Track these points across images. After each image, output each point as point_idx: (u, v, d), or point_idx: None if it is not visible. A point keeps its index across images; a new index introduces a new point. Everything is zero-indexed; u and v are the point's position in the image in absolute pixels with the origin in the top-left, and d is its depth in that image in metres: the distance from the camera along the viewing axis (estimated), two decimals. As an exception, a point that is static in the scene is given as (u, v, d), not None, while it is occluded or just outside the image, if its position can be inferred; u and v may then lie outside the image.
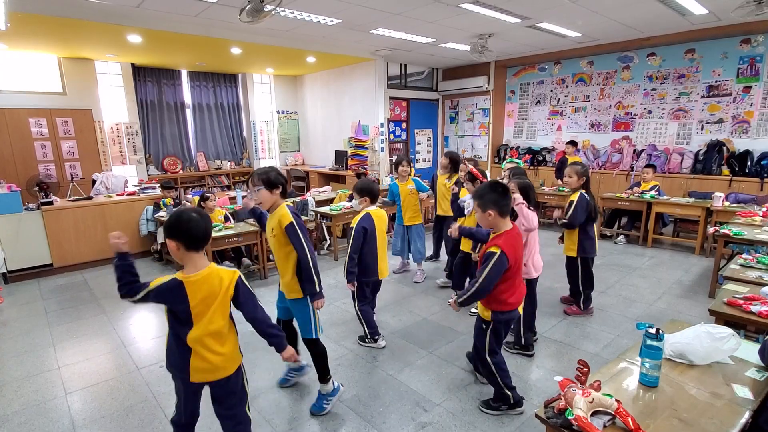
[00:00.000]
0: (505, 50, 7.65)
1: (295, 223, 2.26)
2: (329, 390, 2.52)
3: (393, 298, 4.21)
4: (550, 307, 3.90)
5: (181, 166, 9.13)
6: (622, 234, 6.03)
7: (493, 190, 2.27)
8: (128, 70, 7.96)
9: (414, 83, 9.23)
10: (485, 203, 2.25)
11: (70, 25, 5.18)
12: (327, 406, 2.51)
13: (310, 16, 5.27)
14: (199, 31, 5.72)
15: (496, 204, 2.23)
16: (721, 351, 1.76)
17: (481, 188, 2.33)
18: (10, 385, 2.86)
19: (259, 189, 2.28)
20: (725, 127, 6.60)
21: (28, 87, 7.01)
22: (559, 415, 1.42)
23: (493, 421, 2.40)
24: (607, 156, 7.72)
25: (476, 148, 9.58)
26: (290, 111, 10.66)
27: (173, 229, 1.73)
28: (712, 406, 1.51)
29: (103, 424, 2.46)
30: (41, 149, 7.04)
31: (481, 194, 2.27)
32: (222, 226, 4.57)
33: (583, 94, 8.08)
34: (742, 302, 2.28)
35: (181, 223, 1.72)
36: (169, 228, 1.74)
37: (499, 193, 2.26)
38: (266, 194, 2.29)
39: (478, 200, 2.28)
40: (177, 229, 1.72)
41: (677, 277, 4.61)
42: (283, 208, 2.31)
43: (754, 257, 3.09)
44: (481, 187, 2.35)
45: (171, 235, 1.73)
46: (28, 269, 4.98)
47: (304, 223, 2.37)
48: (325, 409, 2.50)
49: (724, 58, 6.47)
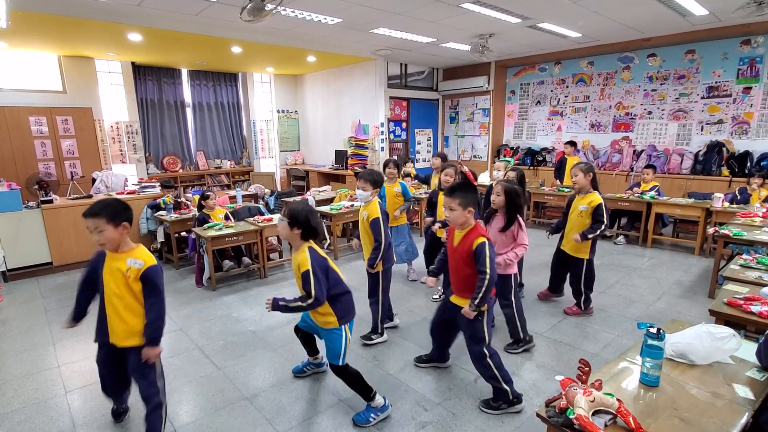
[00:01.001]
0: (505, 50, 7.65)
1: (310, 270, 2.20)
2: (379, 404, 2.42)
3: (392, 297, 4.20)
4: (549, 308, 3.90)
5: (181, 165, 9.12)
6: (621, 234, 6.04)
7: (473, 191, 2.43)
8: (128, 68, 7.96)
9: (414, 83, 9.24)
10: (468, 202, 2.36)
11: (70, 24, 5.17)
12: (373, 420, 2.38)
13: (310, 15, 5.27)
14: (199, 30, 5.72)
15: (475, 204, 2.39)
16: (721, 351, 1.76)
17: (462, 187, 2.42)
18: (10, 383, 2.86)
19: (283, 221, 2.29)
20: (725, 128, 6.61)
21: (29, 85, 7.01)
22: (560, 414, 1.42)
23: (494, 420, 2.40)
24: (607, 156, 7.73)
25: (476, 148, 9.59)
26: (290, 110, 10.65)
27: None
28: (712, 406, 1.51)
29: (103, 422, 2.45)
30: (41, 147, 7.03)
31: (464, 193, 2.38)
32: (222, 225, 4.57)
33: (583, 94, 8.08)
34: (742, 302, 2.29)
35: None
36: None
37: (475, 194, 2.44)
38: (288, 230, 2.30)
39: (460, 198, 2.35)
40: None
41: (677, 277, 4.62)
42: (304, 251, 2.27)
43: (753, 258, 3.10)
44: (462, 186, 2.44)
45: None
46: (27, 268, 4.97)
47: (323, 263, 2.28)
48: (370, 422, 2.38)
49: (724, 59, 6.48)
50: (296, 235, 2.26)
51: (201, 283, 4.58)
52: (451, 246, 2.49)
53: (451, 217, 2.41)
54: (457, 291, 2.50)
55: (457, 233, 2.45)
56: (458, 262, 2.44)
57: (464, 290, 2.44)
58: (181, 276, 4.94)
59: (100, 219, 1.99)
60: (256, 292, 4.39)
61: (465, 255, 2.38)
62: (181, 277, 4.91)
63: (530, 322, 3.59)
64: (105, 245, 2.06)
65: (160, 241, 5.29)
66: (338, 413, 2.49)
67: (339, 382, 2.76)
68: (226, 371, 2.95)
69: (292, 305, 2.20)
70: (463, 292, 2.45)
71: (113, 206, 2.04)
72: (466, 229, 2.41)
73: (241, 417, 2.46)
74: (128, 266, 2.04)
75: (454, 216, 2.39)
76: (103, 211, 1.99)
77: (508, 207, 2.97)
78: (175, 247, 5.12)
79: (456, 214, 2.38)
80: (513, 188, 2.96)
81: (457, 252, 2.43)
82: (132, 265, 2.04)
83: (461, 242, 2.41)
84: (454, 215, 2.38)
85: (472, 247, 2.33)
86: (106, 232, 2.00)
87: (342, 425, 2.39)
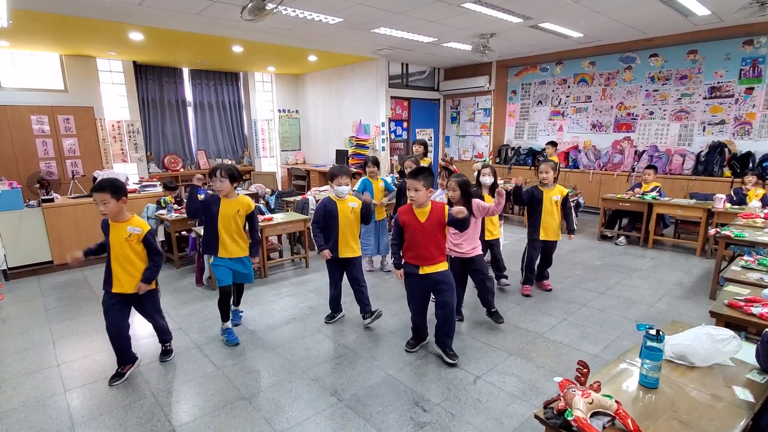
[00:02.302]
0: (506, 50, 7.64)
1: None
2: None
3: (391, 297, 4.20)
4: (549, 307, 3.89)
5: (182, 164, 9.13)
6: (622, 235, 6.02)
7: (432, 174, 2.81)
8: (130, 67, 7.97)
9: (415, 83, 9.23)
10: (429, 183, 2.76)
11: (71, 23, 5.18)
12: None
13: (311, 15, 5.27)
14: (200, 29, 5.72)
15: (432, 185, 2.80)
16: (722, 353, 1.75)
17: (424, 170, 2.77)
18: (10, 381, 2.86)
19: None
20: (727, 128, 6.59)
21: (30, 84, 7.02)
22: (558, 415, 1.42)
23: (492, 420, 2.39)
24: (609, 157, 7.71)
25: (477, 148, 9.58)
26: (291, 110, 10.65)
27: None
28: (712, 408, 1.50)
29: (102, 421, 2.45)
30: (42, 146, 7.04)
31: (427, 176, 2.76)
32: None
33: (584, 94, 8.07)
34: (743, 304, 2.27)
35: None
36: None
37: (433, 177, 2.83)
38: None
39: (424, 180, 2.73)
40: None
41: (678, 278, 4.61)
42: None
43: (755, 259, 3.08)
44: (423, 169, 2.78)
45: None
46: (28, 266, 4.98)
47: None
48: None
49: (726, 60, 6.46)
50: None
51: (201, 283, 4.58)
52: (418, 223, 2.80)
53: (415, 197, 2.75)
54: (429, 260, 2.83)
55: (420, 212, 2.80)
56: (431, 235, 2.80)
57: (436, 256, 2.83)
58: (181, 275, 4.94)
59: (106, 193, 2.54)
60: (255, 292, 4.39)
61: (439, 225, 2.79)
62: (181, 276, 4.92)
63: (530, 322, 3.60)
64: (108, 215, 2.62)
65: (161, 240, 5.29)
66: (336, 414, 2.48)
67: (339, 382, 2.78)
68: (225, 371, 2.94)
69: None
70: (434, 259, 2.83)
71: (116, 184, 2.61)
72: (427, 206, 2.79)
73: (240, 417, 2.46)
74: (129, 232, 2.66)
75: (418, 196, 2.74)
76: (108, 187, 2.55)
77: (464, 197, 3.30)
78: (175, 246, 5.13)
79: (420, 194, 2.74)
80: (464, 180, 3.35)
81: (427, 225, 2.79)
82: (132, 231, 2.67)
83: (430, 216, 2.79)
84: (419, 195, 2.74)
85: (444, 213, 2.77)
86: (110, 204, 2.56)
87: (341, 425, 2.38)
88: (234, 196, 3.25)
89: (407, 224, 2.84)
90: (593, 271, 4.87)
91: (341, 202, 3.42)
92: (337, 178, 3.40)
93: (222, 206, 3.19)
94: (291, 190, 7.72)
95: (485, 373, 2.85)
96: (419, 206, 2.79)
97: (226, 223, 3.19)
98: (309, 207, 5.82)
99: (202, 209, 3.23)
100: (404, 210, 2.88)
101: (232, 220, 3.20)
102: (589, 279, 4.61)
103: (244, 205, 3.27)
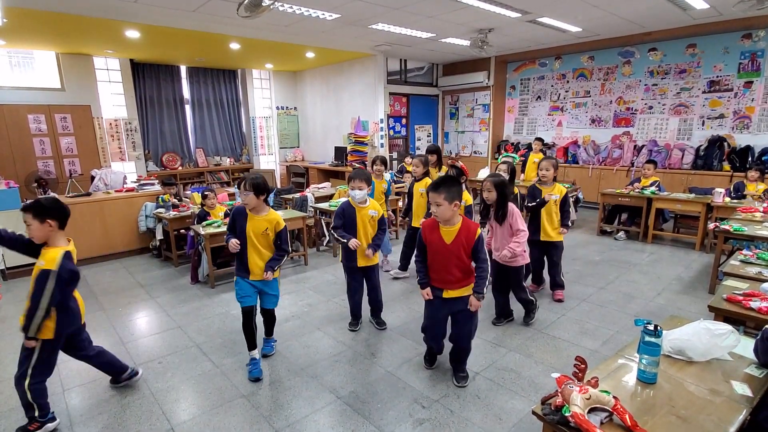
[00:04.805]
0: (505, 45, 7.61)
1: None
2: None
3: (391, 295, 4.20)
4: (548, 302, 3.89)
5: (180, 162, 9.11)
6: (622, 230, 6.02)
7: (458, 184, 2.41)
8: (127, 65, 7.94)
9: (414, 79, 9.20)
10: (453, 196, 2.35)
11: (67, 20, 5.15)
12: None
13: (308, 11, 5.24)
14: (197, 26, 5.69)
15: (460, 197, 2.39)
16: (720, 347, 1.75)
17: (446, 181, 2.38)
18: (8, 381, 2.85)
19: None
20: (726, 122, 6.57)
21: (27, 83, 6.99)
22: (555, 411, 1.41)
23: (491, 417, 2.39)
24: (608, 152, 7.70)
25: (476, 144, 9.56)
26: (289, 107, 10.63)
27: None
28: (710, 403, 1.50)
29: (100, 420, 2.45)
30: (40, 145, 7.03)
31: (449, 188, 2.35)
32: (220, 222, 4.55)
33: (583, 89, 8.04)
34: (741, 298, 2.27)
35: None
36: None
37: (460, 187, 2.44)
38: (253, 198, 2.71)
39: (446, 193, 2.33)
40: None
41: (677, 273, 4.60)
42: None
43: (754, 253, 3.08)
44: (445, 180, 2.41)
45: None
46: (26, 266, 4.97)
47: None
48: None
49: (725, 53, 6.43)
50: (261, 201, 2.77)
51: (197, 280, 4.58)
52: (443, 243, 2.44)
53: (438, 213, 2.38)
54: (454, 284, 2.51)
55: (446, 230, 2.43)
56: (455, 258, 2.44)
57: (461, 281, 2.49)
58: (180, 274, 4.93)
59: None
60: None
61: (466, 248, 2.41)
62: (180, 274, 4.91)
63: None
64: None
65: (159, 239, 5.29)
66: (335, 411, 2.48)
67: (337, 380, 2.77)
68: (223, 369, 2.94)
69: (278, 258, 2.85)
70: (459, 283, 2.50)
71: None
72: (456, 225, 2.42)
73: (239, 415, 2.46)
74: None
75: (441, 211, 2.36)
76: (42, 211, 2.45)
77: (500, 200, 3.09)
78: (174, 244, 5.12)
79: (443, 209, 2.35)
80: (501, 180, 3.11)
81: (453, 247, 2.42)
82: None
83: (457, 237, 2.42)
84: (441, 210, 2.36)
85: (474, 239, 2.38)
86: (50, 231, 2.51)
87: (340, 423, 2.38)
88: (264, 211, 2.79)
89: (430, 242, 2.49)
90: (593, 266, 4.87)
91: (361, 209, 3.22)
92: (352, 182, 3.22)
93: (249, 222, 2.76)
94: (290, 188, 7.71)
95: (484, 369, 2.85)
96: (445, 223, 2.42)
97: (253, 242, 2.77)
98: (308, 204, 5.82)
99: (231, 222, 2.83)
100: (429, 225, 2.50)
101: (262, 238, 2.78)
102: (588, 274, 4.60)
103: (272, 223, 2.79)
